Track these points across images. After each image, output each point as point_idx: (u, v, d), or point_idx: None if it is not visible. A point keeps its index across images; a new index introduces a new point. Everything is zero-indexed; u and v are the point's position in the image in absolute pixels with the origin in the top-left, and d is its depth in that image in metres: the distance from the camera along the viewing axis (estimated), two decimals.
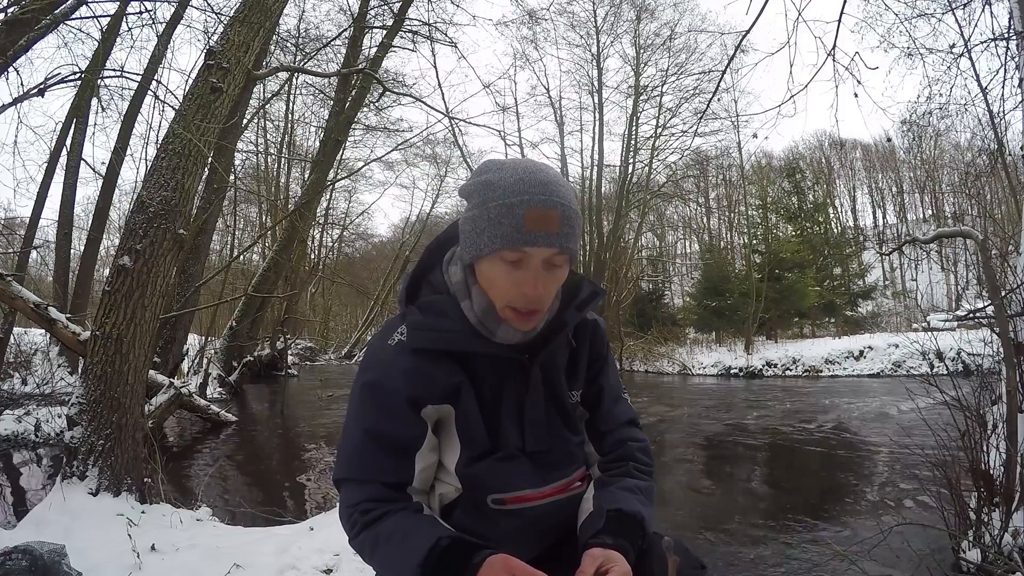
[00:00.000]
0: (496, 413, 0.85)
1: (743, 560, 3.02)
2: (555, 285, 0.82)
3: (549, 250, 0.77)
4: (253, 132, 15.67)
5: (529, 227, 0.76)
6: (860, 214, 31.35)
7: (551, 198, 0.77)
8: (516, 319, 0.80)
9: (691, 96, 18.92)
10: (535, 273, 0.77)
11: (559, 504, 0.91)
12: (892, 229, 29.37)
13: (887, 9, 5.48)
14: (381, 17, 11.84)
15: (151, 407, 5.40)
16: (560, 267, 0.81)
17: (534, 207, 0.76)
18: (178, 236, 3.58)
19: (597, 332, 0.96)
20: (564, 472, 0.91)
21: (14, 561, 2.06)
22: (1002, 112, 5.00)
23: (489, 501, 0.85)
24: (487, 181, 0.79)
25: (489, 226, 0.78)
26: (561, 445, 0.90)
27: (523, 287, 0.77)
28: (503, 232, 0.76)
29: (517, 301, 0.79)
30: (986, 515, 2.51)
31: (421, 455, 0.83)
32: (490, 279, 0.80)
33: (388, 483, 0.82)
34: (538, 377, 0.87)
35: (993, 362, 3.04)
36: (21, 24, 4.28)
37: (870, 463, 5.13)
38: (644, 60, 19.36)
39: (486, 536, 0.85)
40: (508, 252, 0.77)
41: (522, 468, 0.86)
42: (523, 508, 0.87)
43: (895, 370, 12.37)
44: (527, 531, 0.89)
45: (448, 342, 0.82)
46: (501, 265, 0.78)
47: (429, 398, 0.82)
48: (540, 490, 0.88)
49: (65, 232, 9.48)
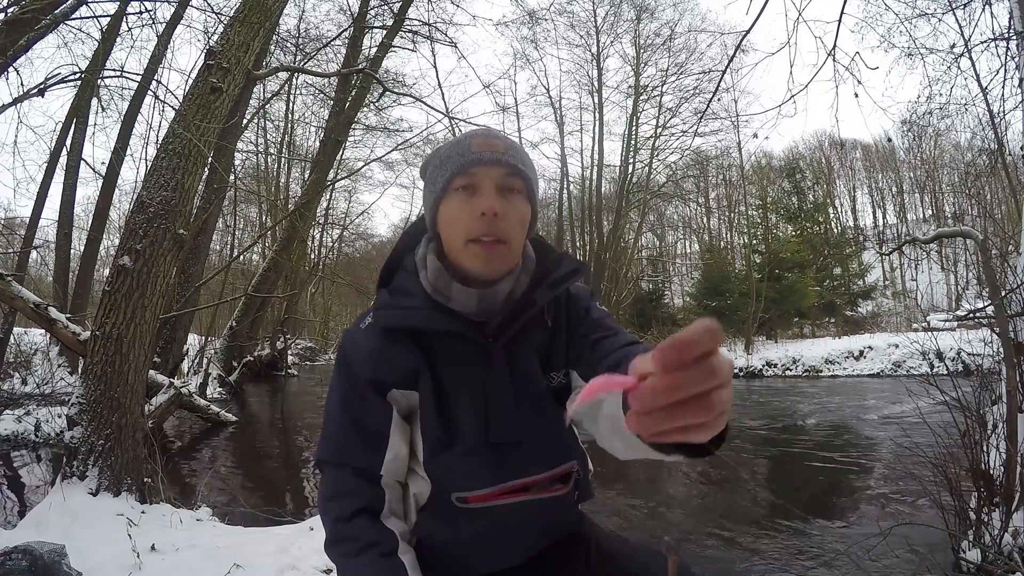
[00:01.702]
0: (456, 401, 0.80)
1: (743, 560, 3.02)
2: (515, 214, 0.79)
3: (498, 169, 0.78)
4: (253, 132, 15.67)
5: (475, 151, 0.78)
6: (860, 214, 31.38)
7: (495, 132, 0.82)
8: (481, 253, 0.76)
9: (691, 96, 18.97)
10: (488, 193, 0.77)
11: (537, 506, 0.83)
12: (892, 229, 29.38)
13: (887, 9, 5.49)
14: (381, 17, 11.83)
15: (151, 407, 5.40)
16: (517, 194, 0.80)
17: (478, 137, 0.80)
18: (178, 236, 3.58)
19: (571, 299, 0.88)
20: (539, 467, 0.83)
21: (14, 561, 2.06)
22: (1002, 112, 5.01)
23: (453, 499, 0.81)
24: (437, 149, 0.84)
25: (440, 168, 0.80)
26: (536, 437, 0.82)
27: (478, 208, 0.76)
28: (452, 164, 0.79)
29: (475, 229, 0.76)
30: (986, 515, 2.51)
31: (391, 443, 0.81)
32: (448, 220, 0.79)
33: (359, 469, 0.80)
34: (503, 360, 0.81)
35: (993, 362, 3.04)
36: (21, 24, 4.28)
37: (870, 463, 5.12)
38: (644, 60, 19.39)
39: (452, 541, 0.82)
40: (459, 179, 0.78)
41: (485, 462, 0.80)
42: (488, 508, 0.81)
43: (895, 370, 12.36)
44: (496, 536, 0.83)
45: (405, 319, 0.80)
46: (456, 199, 0.78)
47: (392, 382, 0.80)
48: (504, 486, 0.81)
49: (65, 232, 9.48)
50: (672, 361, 0.33)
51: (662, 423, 0.34)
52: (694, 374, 0.33)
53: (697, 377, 0.33)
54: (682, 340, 0.32)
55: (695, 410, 0.34)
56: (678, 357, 0.33)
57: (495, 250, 0.77)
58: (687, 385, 0.33)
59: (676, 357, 0.33)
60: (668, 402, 0.33)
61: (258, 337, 13.46)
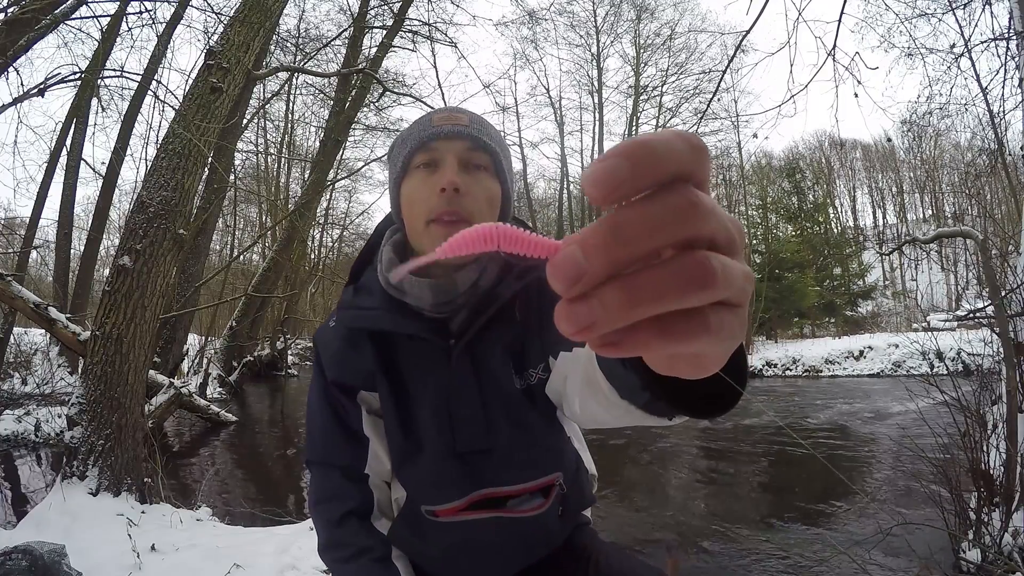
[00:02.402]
0: (419, 407, 0.74)
1: (743, 560, 3.02)
2: (480, 191, 0.71)
3: (460, 142, 0.71)
4: (253, 132, 15.69)
5: (436, 124, 0.73)
6: (860, 214, 31.36)
7: (461, 108, 0.76)
8: (442, 234, 0.67)
9: (691, 96, 19.00)
10: (449, 168, 0.70)
11: (512, 524, 0.75)
12: (892, 229, 29.37)
13: (887, 9, 5.49)
14: (381, 17, 11.83)
15: (151, 407, 5.40)
16: (483, 170, 0.72)
17: (441, 112, 0.75)
18: (178, 236, 3.58)
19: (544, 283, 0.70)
20: (514, 478, 0.75)
21: (14, 561, 2.06)
22: (1002, 112, 5.01)
23: (423, 511, 0.75)
24: (402, 130, 0.79)
25: (401, 146, 0.75)
26: (508, 444, 0.73)
27: (437, 184, 0.69)
28: (412, 140, 0.73)
29: (435, 206, 0.69)
30: (986, 515, 2.51)
31: (371, 444, 0.79)
32: (409, 200, 0.72)
33: (345, 468, 0.78)
34: (466, 362, 0.73)
35: (993, 362, 3.04)
36: (21, 24, 4.28)
37: (870, 463, 5.12)
38: (644, 60, 19.41)
39: (423, 553, 0.79)
40: (419, 155, 0.72)
41: (452, 473, 0.74)
42: (458, 523, 0.75)
43: (895, 370, 12.36)
44: (469, 554, 0.77)
45: (361, 319, 0.76)
46: (417, 176, 0.72)
47: (358, 384, 0.77)
48: (474, 495, 0.74)
49: (65, 232, 9.48)
50: (623, 175, 0.18)
51: (613, 314, 0.19)
52: (661, 213, 0.18)
53: (666, 218, 0.18)
54: (643, 140, 0.19)
55: (671, 292, 0.18)
56: (633, 168, 0.18)
57: (456, 229, 0.64)
58: (646, 233, 0.18)
59: (630, 167, 0.18)
60: (614, 262, 0.19)
61: (258, 337, 13.46)
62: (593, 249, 0.19)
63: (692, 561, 2.98)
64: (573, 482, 0.81)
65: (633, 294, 0.18)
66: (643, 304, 0.19)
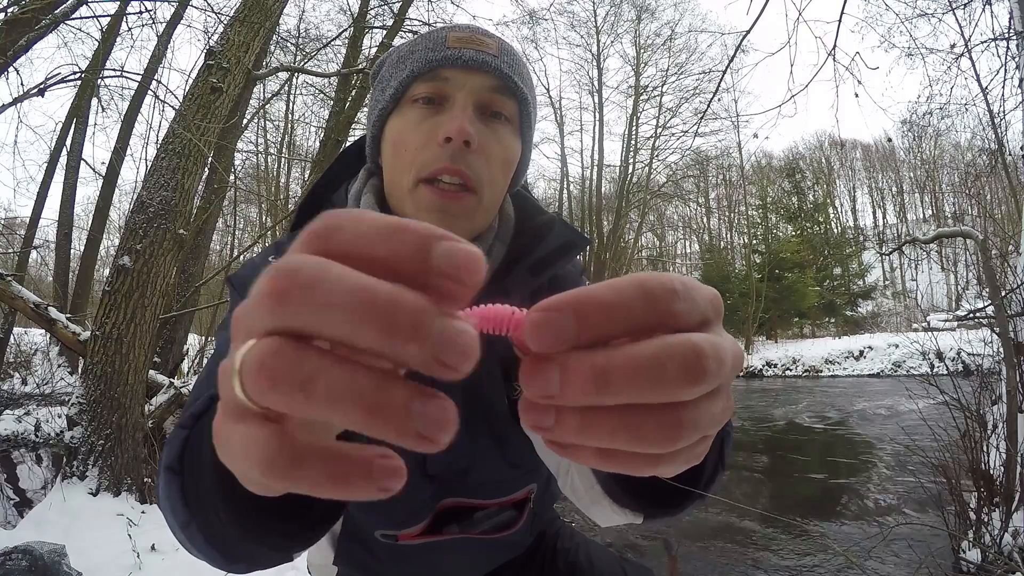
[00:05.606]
0: None
1: (744, 560, 3.02)
2: (499, 149, 0.53)
3: (481, 77, 0.52)
4: (253, 132, 15.66)
5: (452, 45, 0.52)
6: (860, 214, 31.35)
7: (485, 29, 0.56)
8: (435, 202, 0.51)
9: (691, 96, 19.02)
10: (462, 111, 0.51)
11: (482, 545, 0.65)
12: (892, 229, 29.37)
13: (887, 9, 5.49)
14: (381, 17, 11.82)
15: (151, 407, 5.39)
16: (505, 123, 0.54)
17: (460, 30, 0.54)
18: (178, 236, 3.59)
19: (555, 283, 0.60)
20: (488, 493, 0.63)
21: (14, 561, 2.06)
22: (1002, 112, 5.01)
23: (378, 536, 0.62)
24: (399, 45, 0.59)
25: (397, 67, 0.55)
26: (488, 462, 0.61)
27: (442, 130, 0.50)
28: (414, 61, 0.53)
29: (432, 160, 0.50)
30: (986, 515, 2.51)
31: None
32: (396, 144, 0.53)
33: None
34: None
35: (993, 362, 3.04)
36: (21, 24, 4.27)
37: (870, 463, 5.12)
38: (644, 60, 19.43)
39: (372, 570, 0.67)
40: (421, 84, 0.52)
41: (420, 495, 0.61)
42: (420, 546, 0.63)
43: (895, 370, 12.37)
44: (428, 573, 0.67)
45: None
46: (413, 113, 0.53)
47: None
48: (443, 503, 0.61)
49: (65, 232, 9.49)
50: (568, 334, 0.17)
51: (570, 435, 0.18)
52: (655, 374, 0.17)
53: (657, 378, 0.17)
54: (592, 293, 0.18)
55: (630, 439, 0.18)
56: (578, 323, 0.17)
57: (456, 201, 0.51)
58: (632, 389, 0.17)
59: (576, 322, 0.17)
60: (587, 402, 0.17)
61: None
62: (569, 389, 0.17)
63: (692, 561, 2.98)
64: (545, 491, 0.71)
65: (590, 430, 0.18)
66: (597, 437, 0.18)
